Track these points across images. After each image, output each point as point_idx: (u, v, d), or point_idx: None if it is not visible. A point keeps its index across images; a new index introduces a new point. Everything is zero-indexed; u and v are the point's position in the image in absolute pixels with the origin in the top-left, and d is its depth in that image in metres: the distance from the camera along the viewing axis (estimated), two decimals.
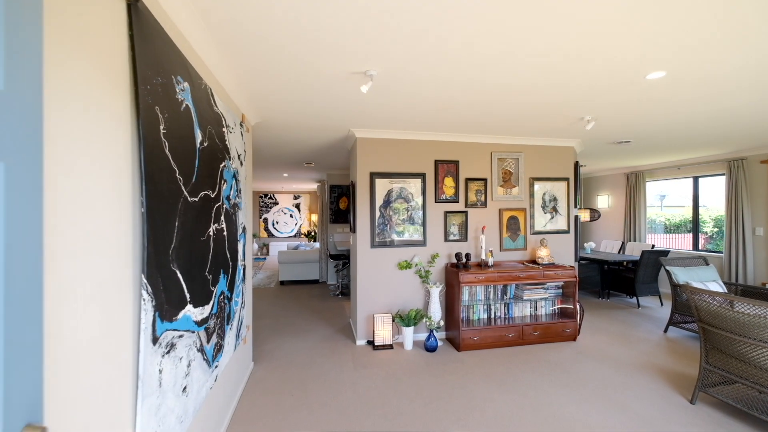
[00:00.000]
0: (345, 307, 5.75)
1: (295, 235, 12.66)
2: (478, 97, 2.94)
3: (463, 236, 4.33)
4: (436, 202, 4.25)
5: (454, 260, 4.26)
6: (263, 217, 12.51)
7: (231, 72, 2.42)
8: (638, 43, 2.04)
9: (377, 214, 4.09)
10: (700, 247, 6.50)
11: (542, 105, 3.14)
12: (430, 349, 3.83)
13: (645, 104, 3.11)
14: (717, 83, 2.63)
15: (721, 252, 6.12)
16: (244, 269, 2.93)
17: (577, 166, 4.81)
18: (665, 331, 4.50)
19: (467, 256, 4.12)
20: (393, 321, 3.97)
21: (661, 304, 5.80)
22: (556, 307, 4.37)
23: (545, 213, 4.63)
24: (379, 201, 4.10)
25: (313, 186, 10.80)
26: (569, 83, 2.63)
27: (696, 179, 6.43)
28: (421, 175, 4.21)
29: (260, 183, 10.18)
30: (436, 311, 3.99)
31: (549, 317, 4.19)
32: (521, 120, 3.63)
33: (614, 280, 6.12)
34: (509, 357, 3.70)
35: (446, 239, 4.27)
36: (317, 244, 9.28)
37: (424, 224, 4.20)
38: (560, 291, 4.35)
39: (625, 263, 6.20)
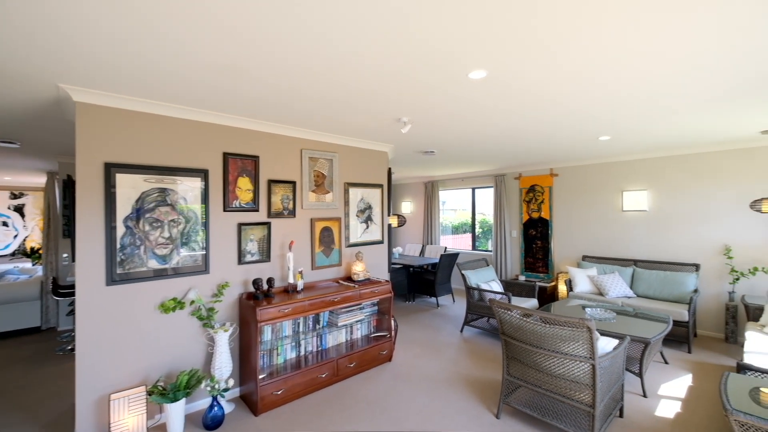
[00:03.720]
0: None
1: (13, 254, 8.32)
2: (281, 61, 2.03)
3: (265, 255, 3.32)
4: (225, 210, 3.07)
5: (252, 288, 3.19)
6: None
7: None
8: (462, 36, 1.62)
9: (121, 230, 2.56)
10: (474, 247, 7.76)
11: (361, 93, 2.52)
12: (213, 424, 2.64)
13: (461, 110, 2.97)
14: (527, 93, 2.64)
15: (485, 249, 7.48)
16: None
17: (390, 172, 4.61)
18: (461, 331, 4.84)
19: (270, 281, 3.14)
20: (150, 396, 2.54)
21: (453, 301, 6.48)
22: (373, 334, 3.96)
23: (361, 222, 4.19)
24: (124, 209, 2.58)
25: (43, 180, 7.26)
26: (395, 67, 2.08)
27: (474, 190, 7.63)
28: (202, 173, 2.94)
29: None
30: (223, 365, 2.82)
31: (365, 341, 3.72)
32: (336, 111, 2.96)
33: (418, 282, 6.47)
34: (323, 406, 2.95)
35: (241, 261, 3.16)
36: (40, 269, 6.12)
37: (206, 243, 2.95)
38: (376, 309, 3.98)
39: (426, 266, 6.65)
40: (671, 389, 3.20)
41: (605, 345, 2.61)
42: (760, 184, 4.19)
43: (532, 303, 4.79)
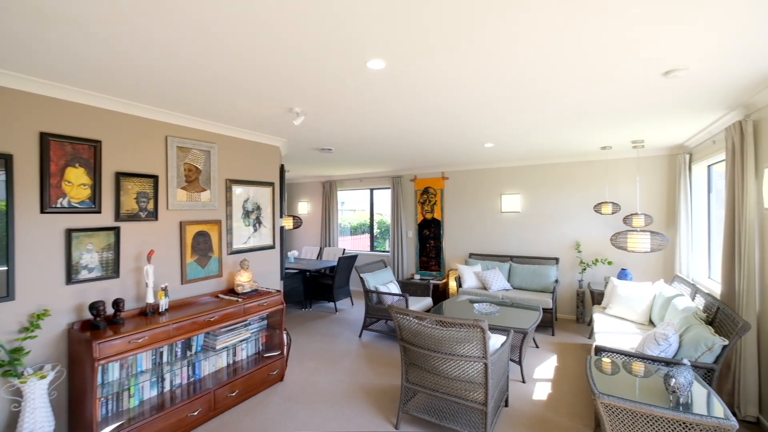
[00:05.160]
0: None
1: None
2: (125, 19, 1.49)
3: (111, 270, 2.56)
4: (44, 211, 2.25)
5: (90, 315, 2.42)
6: None
7: None
8: (360, 13, 1.41)
9: None
10: (372, 248, 7.77)
11: (246, 66, 2.10)
12: None
13: (359, 104, 2.76)
14: (421, 94, 2.56)
15: (382, 250, 7.57)
16: None
17: (283, 169, 4.17)
18: (360, 336, 4.68)
19: (118, 303, 2.43)
20: None
21: (352, 304, 6.32)
22: (262, 352, 3.48)
23: (247, 225, 3.65)
24: None
25: None
26: (286, 41, 1.73)
27: (372, 191, 7.62)
28: (2, 159, 2.08)
29: None
30: (38, 425, 2.04)
31: (252, 362, 3.23)
32: (214, 91, 2.44)
33: (315, 288, 6.11)
34: None
35: (72, 279, 2.36)
36: None
37: (8, 256, 2.09)
38: (265, 323, 3.51)
39: (324, 270, 6.34)
40: (543, 371, 3.59)
41: (495, 342, 2.73)
42: (600, 191, 5.10)
43: (426, 302, 4.93)
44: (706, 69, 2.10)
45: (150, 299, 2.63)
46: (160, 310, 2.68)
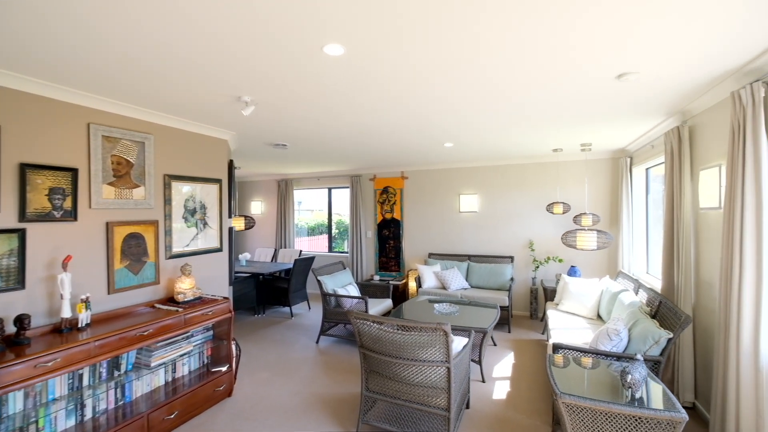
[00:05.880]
0: None
1: None
2: None
3: (16, 280, 2.15)
4: None
5: None
6: None
7: None
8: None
9: None
10: (330, 249, 7.54)
11: (186, 42, 1.83)
12: None
13: (316, 95, 2.57)
14: (383, 87, 2.43)
15: (341, 251, 7.37)
16: None
17: (231, 165, 3.84)
18: (317, 342, 4.46)
19: (22, 320, 2.04)
20: None
21: (309, 308, 6.05)
22: (207, 367, 3.16)
23: (190, 226, 3.30)
24: None
25: None
26: (228, 15, 1.51)
27: (330, 190, 7.38)
28: None
29: None
30: None
31: (196, 378, 2.91)
32: (149, 71, 2.12)
33: (269, 292, 5.77)
34: None
35: None
36: None
37: None
38: (211, 334, 3.19)
39: (278, 273, 6.01)
40: (501, 370, 3.62)
41: (456, 345, 2.67)
42: (552, 191, 5.31)
43: (386, 303, 4.82)
44: (653, 74, 2.19)
45: (66, 313, 2.24)
46: (80, 326, 2.29)
